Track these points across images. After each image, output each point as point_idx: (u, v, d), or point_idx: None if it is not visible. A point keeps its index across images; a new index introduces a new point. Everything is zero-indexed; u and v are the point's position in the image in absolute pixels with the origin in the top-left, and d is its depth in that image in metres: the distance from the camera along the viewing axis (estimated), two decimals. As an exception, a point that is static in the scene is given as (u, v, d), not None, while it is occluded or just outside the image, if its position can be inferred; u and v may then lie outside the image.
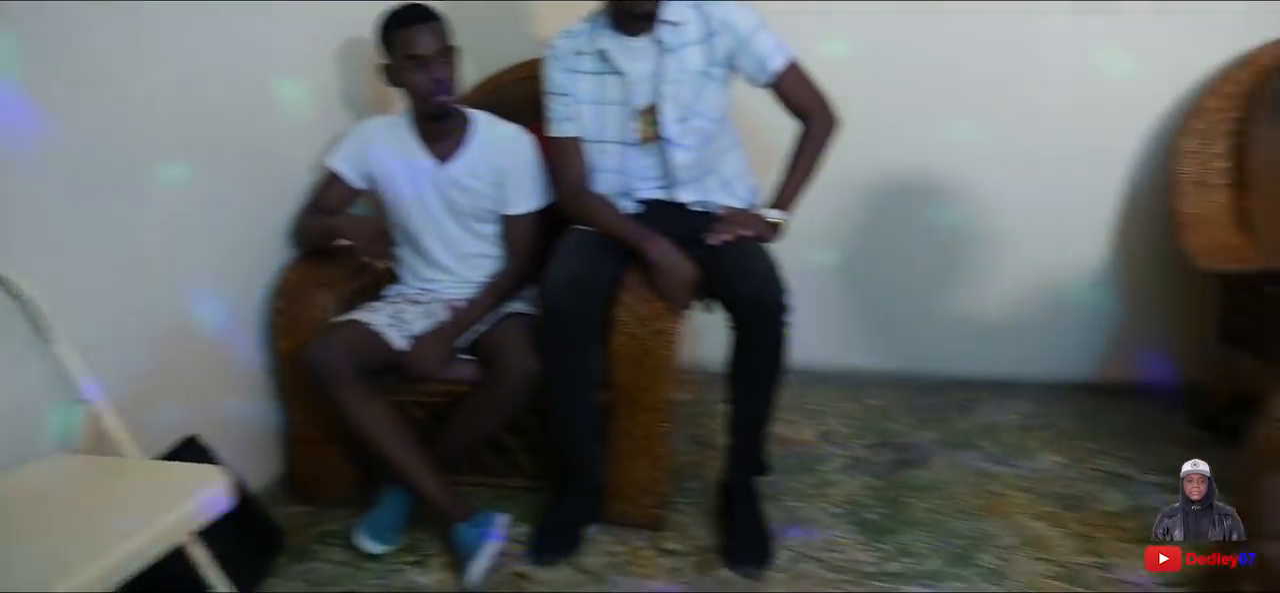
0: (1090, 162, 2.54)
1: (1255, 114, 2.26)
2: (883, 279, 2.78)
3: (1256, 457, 1.40)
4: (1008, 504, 2.20)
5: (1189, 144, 2.32)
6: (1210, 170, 2.31)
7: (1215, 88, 2.33)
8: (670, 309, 1.97)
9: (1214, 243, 2.22)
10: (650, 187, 2.08)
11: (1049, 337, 2.72)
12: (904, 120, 2.57)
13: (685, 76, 1.99)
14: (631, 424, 2.04)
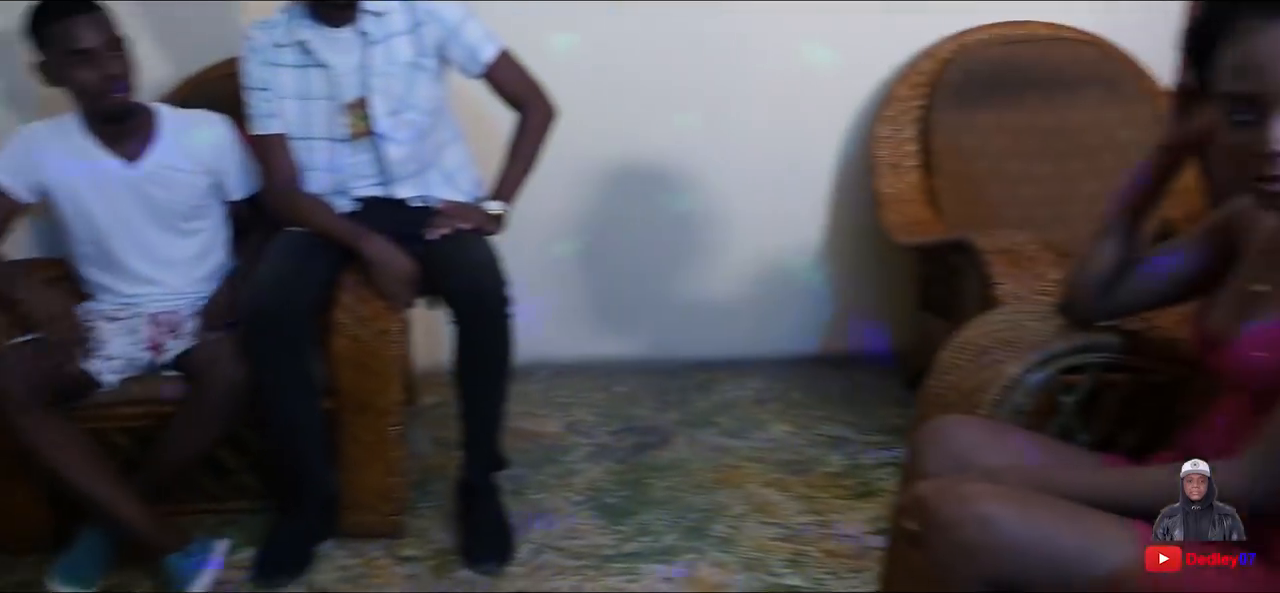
0: (803, 148, 2.69)
1: (938, 101, 2.47)
2: (624, 267, 2.82)
3: (921, 406, 1.52)
4: (741, 475, 2.28)
5: (883, 130, 2.51)
6: (903, 153, 2.50)
7: (904, 77, 2.53)
8: (391, 308, 1.89)
9: (908, 219, 2.40)
10: (366, 184, 2.00)
11: (778, 315, 2.86)
12: (636, 112, 2.63)
13: (394, 68, 1.92)
14: (361, 430, 1.95)
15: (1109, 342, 1.39)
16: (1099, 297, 1.31)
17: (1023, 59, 2.45)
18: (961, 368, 1.49)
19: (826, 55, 2.60)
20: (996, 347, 1.45)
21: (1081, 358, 1.39)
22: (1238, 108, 1.01)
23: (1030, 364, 1.39)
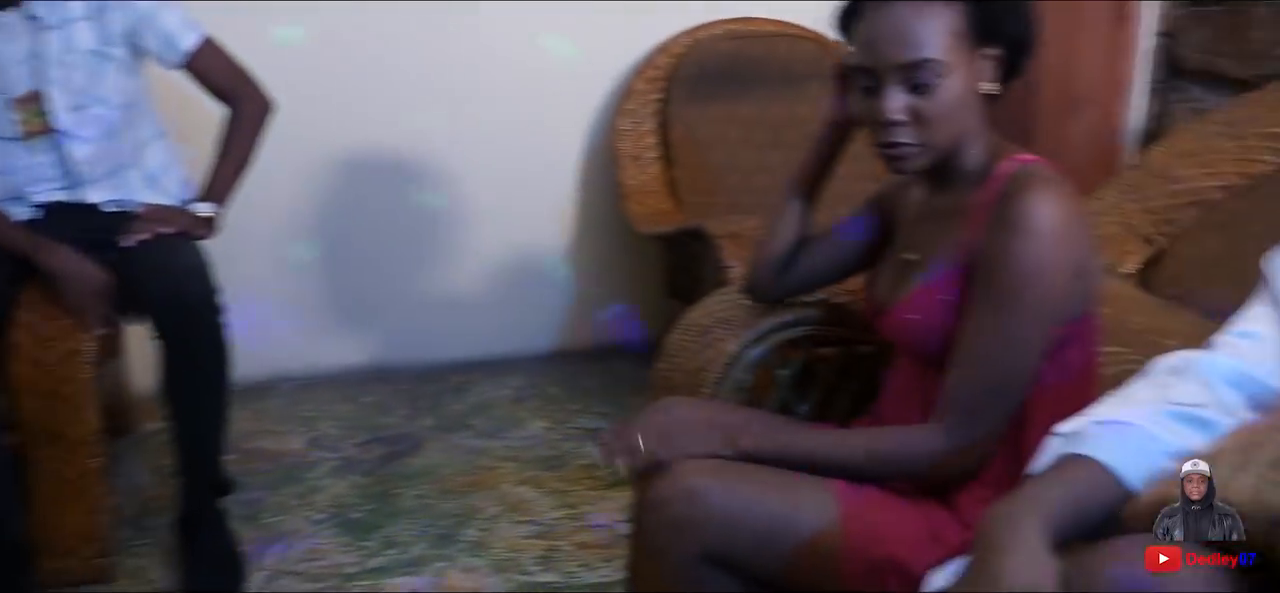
0: (547, 142, 2.66)
1: (674, 94, 2.51)
2: (370, 269, 2.68)
3: (651, 389, 1.52)
4: (495, 476, 2.21)
5: (623, 123, 2.52)
6: (643, 145, 2.52)
7: (642, 71, 2.56)
8: (80, 325, 1.68)
9: (650, 209, 2.43)
10: (48, 188, 1.76)
11: (533, 310, 2.81)
12: (375, 106, 2.51)
13: (75, 57, 1.71)
14: (57, 465, 1.71)
15: (817, 315, 1.43)
16: (778, 275, 1.35)
17: (751, 54, 2.54)
18: (687, 349, 1.49)
19: (567, 49, 2.58)
20: (717, 326, 1.46)
21: (792, 332, 1.43)
22: (862, 79, 1.09)
23: (746, 341, 1.41)
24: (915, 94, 1.06)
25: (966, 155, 1.13)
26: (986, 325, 1.04)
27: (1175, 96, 1.89)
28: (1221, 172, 1.50)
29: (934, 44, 1.05)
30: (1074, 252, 1.04)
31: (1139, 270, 1.52)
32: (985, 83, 1.10)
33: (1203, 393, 0.87)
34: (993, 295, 1.04)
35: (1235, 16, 1.76)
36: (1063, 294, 1.05)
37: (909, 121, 1.06)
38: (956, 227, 1.12)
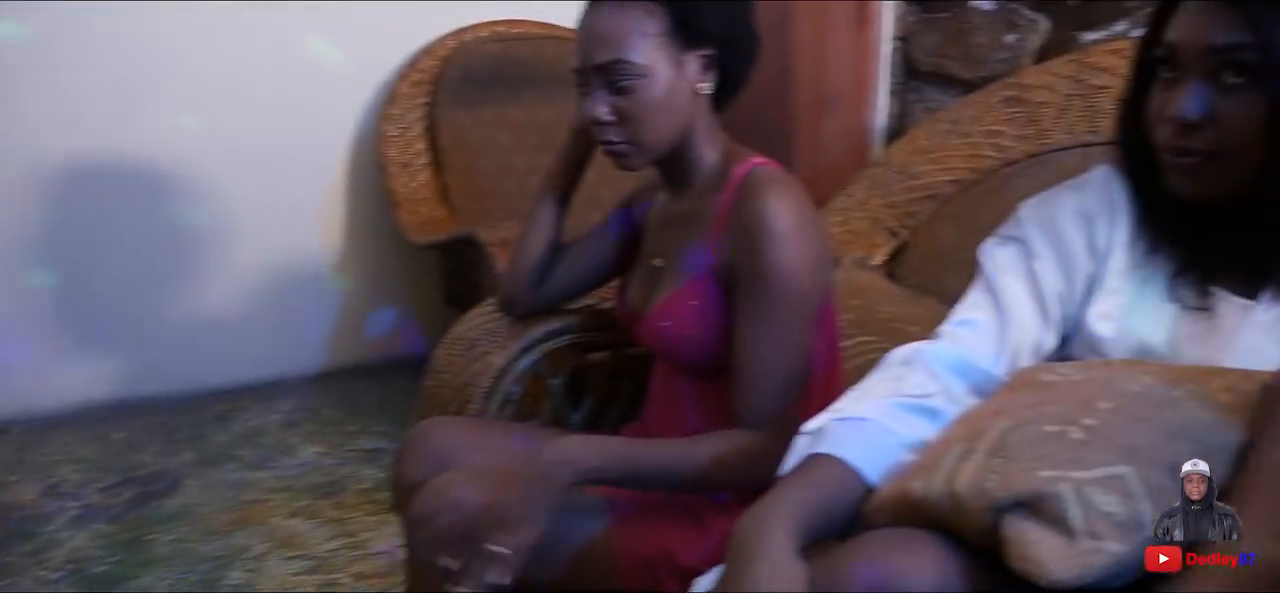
0: (314, 149, 2.51)
1: (441, 98, 2.42)
2: (120, 293, 2.42)
3: (420, 408, 1.44)
4: (264, 510, 2.04)
5: (390, 129, 2.40)
6: (412, 152, 2.41)
7: (406, 74, 2.45)
8: None
9: (423, 218, 2.32)
10: None
11: (304, 327, 2.64)
12: (121, 113, 2.28)
13: None
14: None
15: (585, 321, 1.40)
16: (534, 287, 1.31)
17: (518, 56, 2.48)
18: (453, 365, 1.42)
19: (332, 52, 2.43)
20: (483, 339, 1.40)
21: (560, 340, 1.39)
22: (577, 80, 1.11)
23: (513, 353, 1.36)
24: (617, 94, 1.06)
25: (699, 158, 1.14)
26: (759, 336, 1.05)
27: (913, 97, 2.01)
28: (953, 167, 1.60)
29: (630, 45, 1.05)
30: (812, 246, 1.06)
31: (886, 262, 1.60)
32: (700, 84, 1.10)
33: (930, 383, 0.90)
34: (758, 305, 1.05)
35: (960, 22, 1.89)
36: (820, 284, 1.08)
37: (614, 121, 1.07)
38: (698, 231, 1.13)
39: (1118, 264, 0.94)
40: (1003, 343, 0.94)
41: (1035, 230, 0.97)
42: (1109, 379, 0.79)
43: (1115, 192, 0.97)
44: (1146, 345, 0.90)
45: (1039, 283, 0.95)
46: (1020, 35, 1.80)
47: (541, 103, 2.47)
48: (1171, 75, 0.86)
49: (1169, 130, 0.85)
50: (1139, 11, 1.61)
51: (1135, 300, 0.92)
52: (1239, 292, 0.89)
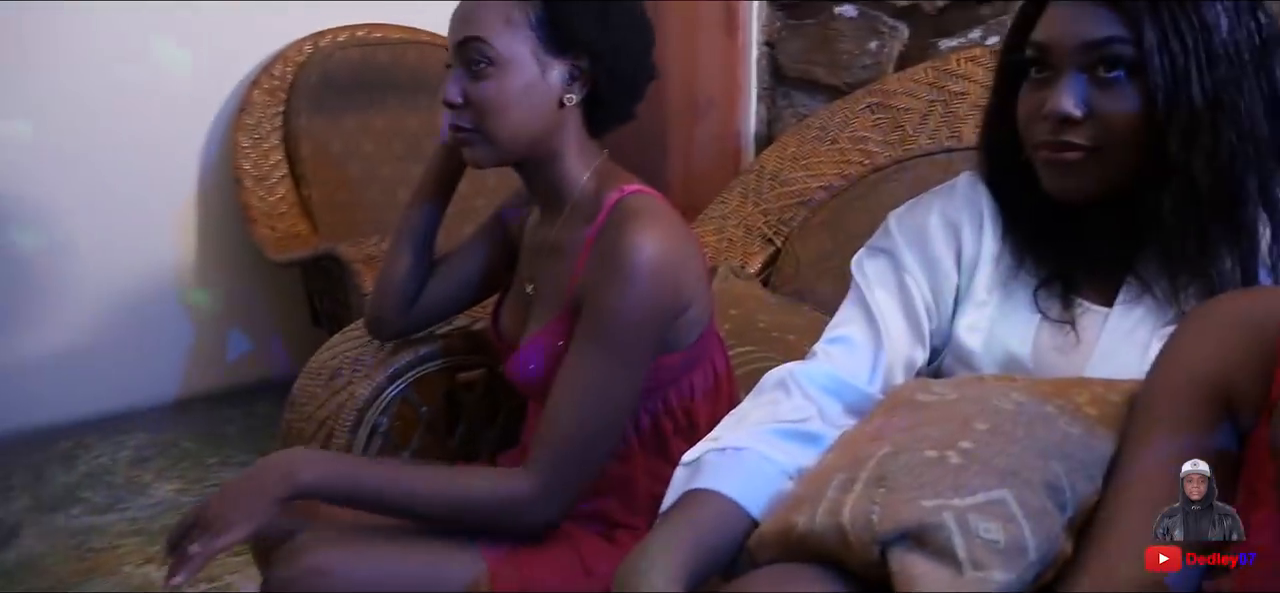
0: (166, 162, 2.34)
1: (299, 106, 2.29)
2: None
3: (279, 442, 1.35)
4: (114, 557, 1.89)
5: (243, 139, 2.26)
6: (269, 164, 2.27)
7: (259, 81, 2.30)
8: None
9: (283, 233, 2.19)
10: None
11: (157, 355, 2.45)
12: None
13: None
14: None
15: (456, 345, 1.33)
16: (404, 309, 1.24)
17: (380, 62, 2.38)
18: (314, 397, 1.33)
19: (182, 56, 2.26)
20: (346, 368, 1.32)
21: (430, 366, 1.32)
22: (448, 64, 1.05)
23: (380, 382, 1.28)
24: (472, 79, 1.02)
25: (568, 180, 1.08)
26: (581, 368, 1.00)
27: (782, 102, 2.02)
28: (823, 174, 1.61)
29: (490, 28, 1.00)
30: (673, 290, 1.01)
31: (762, 270, 1.59)
32: (567, 94, 1.04)
33: (806, 406, 0.88)
34: (589, 338, 1.00)
35: (825, 29, 1.91)
36: (658, 335, 1.02)
37: (464, 105, 1.02)
38: (567, 262, 1.07)
39: (985, 275, 0.94)
40: (877, 360, 0.93)
41: (904, 242, 0.97)
42: (982, 397, 0.78)
43: (981, 200, 0.97)
44: (1014, 357, 0.91)
45: (909, 297, 0.95)
46: (882, 42, 1.83)
47: (407, 110, 2.37)
48: (1044, 74, 0.86)
49: (1046, 127, 0.85)
50: (994, 19, 1.66)
51: (1002, 312, 0.93)
52: (1097, 300, 0.91)
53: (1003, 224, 0.95)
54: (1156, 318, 0.88)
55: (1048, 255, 0.92)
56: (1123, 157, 0.84)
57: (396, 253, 1.21)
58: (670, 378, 1.08)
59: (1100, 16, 0.82)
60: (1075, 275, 0.91)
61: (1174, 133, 0.80)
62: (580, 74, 1.04)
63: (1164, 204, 0.82)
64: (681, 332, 1.06)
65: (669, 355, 1.06)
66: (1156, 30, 0.80)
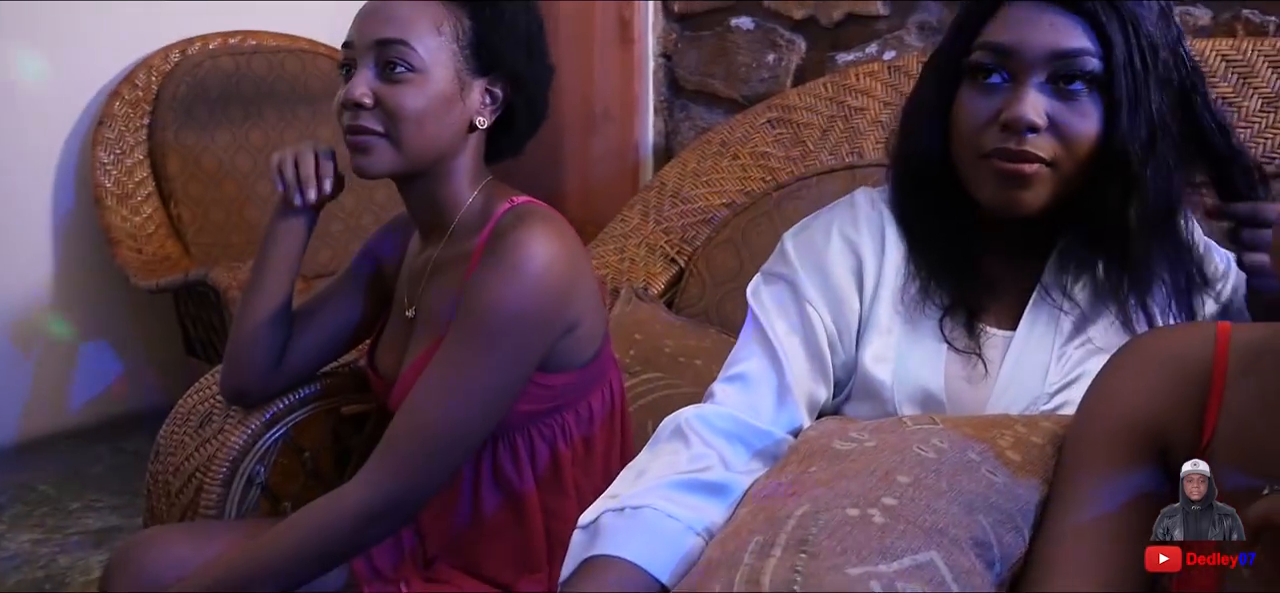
0: (18, 178, 2.14)
1: (165, 120, 2.12)
2: None
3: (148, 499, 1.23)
4: (-43, 622, 1.69)
5: (104, 155, 2.08)
6: (133, 181, 2.10)
7: (119, 92, 2.12)
8: None
9: (151, 256, 2.03)
10: None
11: (11, 387, 2.23)
12: None
13: None
14: None
15: (337, 384, 1.23)
16: (268, 376, 1.13)
17: (255, 71, 2.22)
18: (183, 444, 1.21)
19: (38, 63, 2.07)
20: (218, 413, 1.20)
21: (311, 409, 1.21)
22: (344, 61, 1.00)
23: (255, 429, 1.17)
24: (386, 81, 0.95)
25: (455, 199, 1.02)
26: (445, 362, 0.94)
27: (680, 114, 1.98)
28: (725, 190, 1.57)
29: (418, 34, 0.95)
30: (560, 297, 0.96)
31: (666, 291, 1.54)
32: (478, 116, 1.00)
33: (708, 454, 0.81)
34: (458, 333, 0.95)
35: (723, 41, 1.87)
36: (538, 344, 0.97)
37: (373, 106, 0.95)
38: (453, 277, 1.01)
39: (887, 300, 0.89)
40: (780, 398, 0.87)
41: (802, 267, 0.91)
42: (902, 445, 0.74)
43: (881, 218, 0.93)
44: (925, 389, 0.87)
45: (811, 328, 0.89)
46: (779, 55, 1.80)
47: (286, 123, 2.22)
48: (1002, 80, 0.82)
49: (999, 135, 0.81)
50: (890, 34, 1.65)
51: (908, 340, 0.89)
52: (998, 324, 0.89)
53: (906, 245, 0.91)
54: (1054, 339, 0.86)
55: (953, 280, 0.88)
56: (1072, 171, 0.82)
57: (246, 324, 1.09)
58: (566, 400, 1.03)
59: (1071, 26, 0.80)
60: (979, 300, 0.88)
61: (1135, 149, 0.80)
62: (493, 100, 1.01)
63: (1129, 217, 0.82)
64: (573, 349, 1.01)
65: (562, 375, 1.01)
66: (1124, 46, 0.80)
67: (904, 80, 1.51)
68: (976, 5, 0.85)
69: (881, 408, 0.88)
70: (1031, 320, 0.87)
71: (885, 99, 1.51)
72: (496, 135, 1.04)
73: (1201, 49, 1.24)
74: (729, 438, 0.83)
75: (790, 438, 0.86)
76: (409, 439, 0.94)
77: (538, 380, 0.99)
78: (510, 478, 1.04)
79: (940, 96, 0.87)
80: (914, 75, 1.52)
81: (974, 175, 0.85)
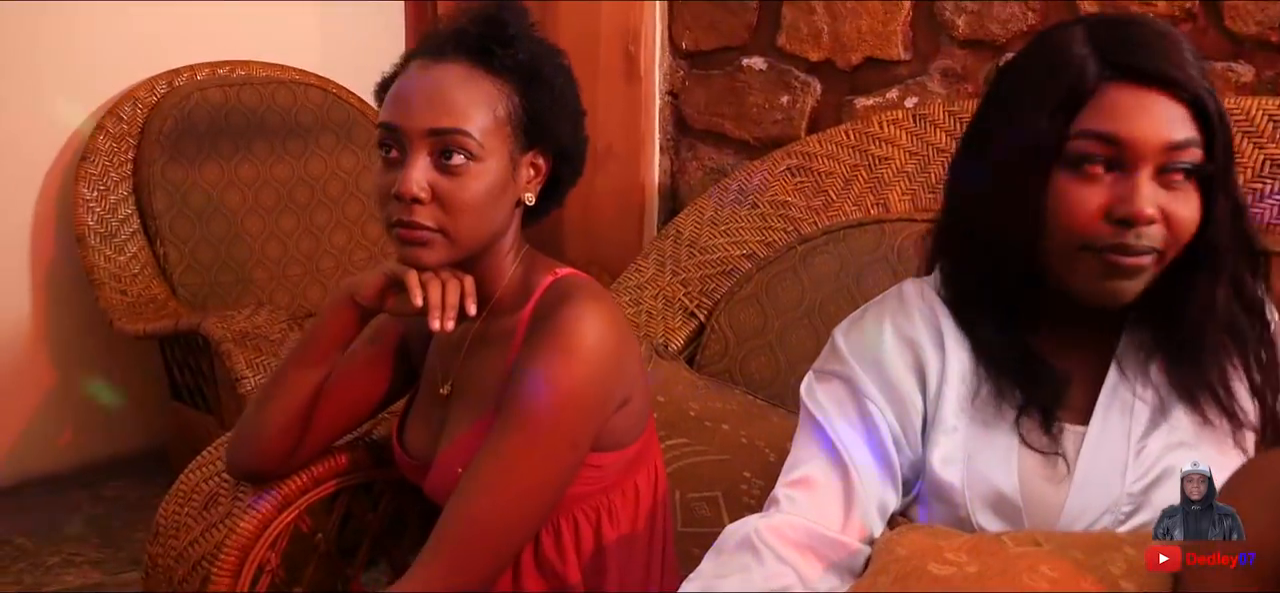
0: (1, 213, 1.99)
1: (150, 154, 2.00)
2: None
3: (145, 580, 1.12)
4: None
5: (87, 191, 1.96)
6: (117, 219, 1.98)
7: (102, 126, 2.00)
8: None
9: (136, 298, 1.91)
10: None
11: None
12: None
13: None
14: None
15: (354, 462, 1.14)
16: (285, 460, 1.04)
17: (245, 104, 2.10)
18: (187, 527, 1.11)
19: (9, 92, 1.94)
20: (226, 493, 1.10)
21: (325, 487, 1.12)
22: (387, 143, 0.89)
23: (265, 513, 1.07)
24: (442, 172, 0.87)
25: (497, 273, 0.95)
26: (496, 453, 0.87)
27: (687, 153, 1.90)
28: (744, 241, 1.50)
29: (475, 120, 0.87)
30: (615, 375, 0.90)
31: (686, 347, 1.46)
32: (526, 192, 0.93)
33: (782, 571, 0.75)
34: (509, 420, 0.87)
35: (734, 80, 1.80)
36: (593, 425, 0.90)
37: (429, 201, 0.86)
38: (497, 353, 0.94)
39: (951, 399, 0.83)
40: (849, 503, 0.80)
41: (858, 364, 0.84)
42: (1007, 571, 0.67)
43: (936, 312, 0.86)
44: (998, 491, 0.81)
45: (875, 427, 0.82)
46: (794, 96, 1.73)
47: (276, 158, 2.11)
48: (1112, 169, 0.77)
49: (1115, 230, 0.76)
50: (912, 80, 1.59)
51: (977, 439, 0.82)
52: (1073, 418, 0.83)
53: (970, 344, 0.84)
54: (1130, 431, 0.81)
55: (1027, 378, 0.82)
56: (1171, 259, 0.78)
57: (272, 410, 1.00)
58: (613, 480, 0.96)
59: (1178, 114, 0.76)
60: (1055, 395, 0.82)
61: (1225, 233, 0.79)
62: (537, 171, 0.94)
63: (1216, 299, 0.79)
64: (622, 427, 0.94)
65: (609, 454, 0.94)
66: (1220, 133, 0.77)
67: (929, 129, 1.45)
68: (1069, 87, 0.78)
69: (953, 512, 0.82)
70: (1105, 411, 0.81)
71: (910, 148, 1.45)
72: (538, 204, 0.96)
73: (1246, 107, 1.19)
74: (803, 551, 0.77)
75: (865, 548, 0.80)
76: (462, 535, 0.86)
77: (588, 461, 0.92)
78: (553, 563, 0.96)
79: (1032, 184, 0.80)
80: (940, 125, 1.48)
81: (1072, 266, 0.79)
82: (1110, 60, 0.77)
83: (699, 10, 1.82)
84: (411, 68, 0.91)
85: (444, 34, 0.91)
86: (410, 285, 0.89)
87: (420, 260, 0.89)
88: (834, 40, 1.66)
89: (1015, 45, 1.49)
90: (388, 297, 0.94)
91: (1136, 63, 0.76)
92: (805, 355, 1.40)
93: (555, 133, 0.92)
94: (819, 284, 1.39)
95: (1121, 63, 0.77)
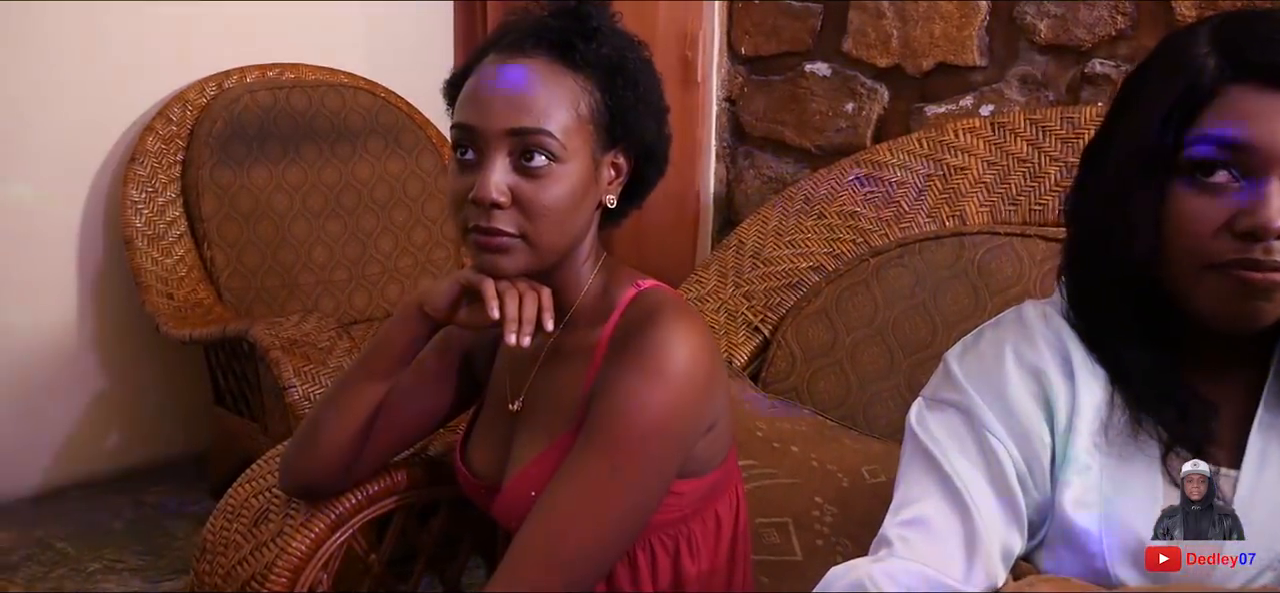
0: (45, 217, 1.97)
1: (199, 157, 1.96)
2: None
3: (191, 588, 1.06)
4: (-29, 699, 1.52)
5: (135, 194, 1.92)
6: (165, 222, 1.94)
7: (152, 128, 1.96)
8: None
9: (182, 302, 1.87)
10: None
11: (29, 439, 2.07)
12: None
13: None
14: None
15: (410, 479, 1.07)
16: (341, 476, 0.98)
17: (294, 107, 2.06)
18: (236, 545, 1.05)
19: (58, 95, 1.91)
20: (277, 510, 1.04)
21: (381, 506, 1.06)
22: (461, 145, 0.83)
23: (318, 533, 1.01)
24: (523, 175, 0.80)
25: (576, 282, 0.89)
26: (579, 477, 0.80)
27: (744, 162, 1.83)
28: (811, 253, 1.42)
29: (556, 119, 0.80)
30: (705, 398, 0.84)
31: (749, 362, 1.39)
32: (607, 195, 0.87)
33: None
34: (593, 443, 0.80)
35: (795, 87, 1.72)
36: (681, 451, 0.83)
37: (509, 206, 0.80)
38: (576, 369, 0.87)
39: (1084, 434, 0.74)
40: (971, 548, 0.71)
41: (976, 393, 0.76)
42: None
43: (1063, 338, 0.78)
44: (1141, 539, 0.71)
45: (998, 464, 0.74)
46: (859, 104, 1.66)
47: (325, 162, 2.07)
48: (1231, 178, 0.68)
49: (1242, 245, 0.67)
50: (987, 87, 1.50)
51: (1114, 481, 0.73)
52: (1223, 459, 0.74)
53: (1105, 372, 0.76)
54: None
55: (1174, 412, 0.73)
56: None
57: (332, 423, 0.94)
58: (695, 508, 0.89)
59: None
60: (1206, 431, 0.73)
61: None
62: (618, 172, 0.87)
63: None
64: (707, 452, 0.87)
65: (691, 481, 0.87)
66: None
67: (1009, 139, 1.36)
68: (1185, 88, 0.70)
69: (1087, 562, 0.72)
70: (1260, 452, 0.72)
71: (988, 159, 1.37)
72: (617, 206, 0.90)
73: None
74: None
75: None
76: (541, 563, 0.79)
77: (671, 488, 0.85)
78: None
79: (1142, 198, 0.72)
80: (1021, 134, 1.40)
81: (1196, 286, 0.70)
82: (1233, 58, 0.68)
83: (760, 14, 1.75)
84: (486, 64, 0.84)
85: (522, 27, 0.84)
86: (487, 296, 0.82)
87: (500, 268, 0.82)
88: (903, 45, 1.58)
89: (1101, 51, 1.40)
90: (460, 308, 0.88)
91: (1263, 60, 0.67)
92: (877, 374, 1.33)
93: (639, 131, 0.86)
94: (892, 300, 1.31)
95: (1246, 60, 0.68)
